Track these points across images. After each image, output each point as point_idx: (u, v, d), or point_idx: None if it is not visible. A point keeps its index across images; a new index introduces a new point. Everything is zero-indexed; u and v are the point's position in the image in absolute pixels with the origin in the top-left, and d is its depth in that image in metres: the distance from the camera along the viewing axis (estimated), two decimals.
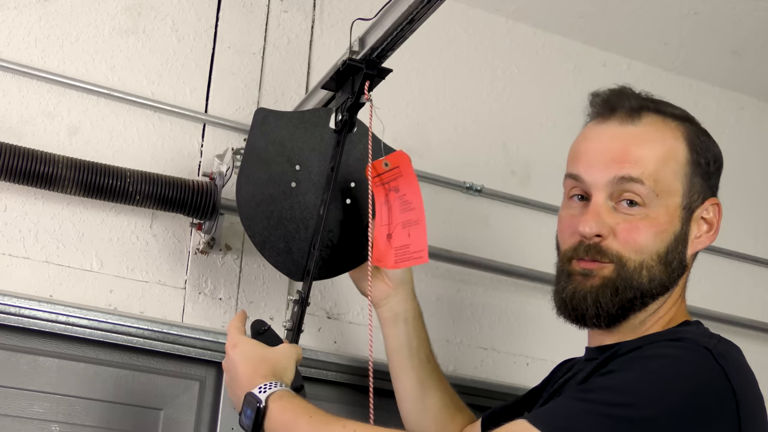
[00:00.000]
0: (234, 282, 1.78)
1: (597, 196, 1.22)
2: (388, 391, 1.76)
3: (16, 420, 1.57)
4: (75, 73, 1.75)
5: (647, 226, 1.20)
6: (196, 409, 1.69)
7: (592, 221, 1.20)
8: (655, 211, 1.21)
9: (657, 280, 1.21)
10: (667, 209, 1.21)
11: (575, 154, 1.28)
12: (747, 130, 2.47)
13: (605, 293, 1.20)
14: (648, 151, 1.22)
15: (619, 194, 1.21)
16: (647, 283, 1.20)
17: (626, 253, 1.20)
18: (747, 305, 2.30)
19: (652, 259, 1.20)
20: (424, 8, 1.26)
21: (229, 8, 1.91)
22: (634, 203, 1.21)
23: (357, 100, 1.40)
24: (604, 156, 1.23)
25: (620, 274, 1.20)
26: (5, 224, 1.64)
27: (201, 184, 1.70)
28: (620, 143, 1.23)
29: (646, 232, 1.20)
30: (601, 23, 2.23)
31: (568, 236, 1.25)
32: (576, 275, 1.23)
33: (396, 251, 1.39)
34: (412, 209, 1.37)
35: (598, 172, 1.22)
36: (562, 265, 1.26)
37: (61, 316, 1.59)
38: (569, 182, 1.27)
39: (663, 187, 1.21)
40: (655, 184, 1.21)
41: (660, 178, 1.21)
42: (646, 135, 1.24)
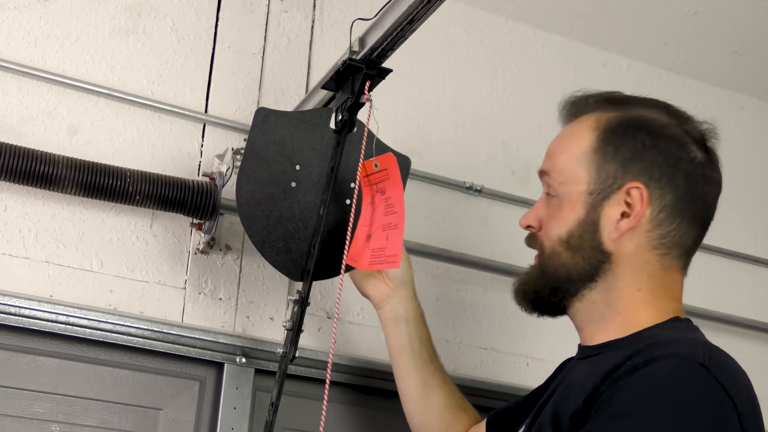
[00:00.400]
0: (234, 282, 1.78)
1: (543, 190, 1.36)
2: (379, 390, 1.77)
3: (16, 420, 1.57)
4: (75, 73, 1.75)
5: (552, 214, 1.30)
6: (196, 409, 1.69)
7: (528, 214, 1.35)
8: (560, 200, 1.30)
9: (568, 265, 1.27)
10: (570, 195, 1.28)
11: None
12: (747, 130, 2.47)
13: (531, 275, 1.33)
14: (561, 145, 1.34)
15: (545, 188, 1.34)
16: (560, 266, 1.28)
17: (543, 240, 1.31)
18: (747, 305, 2.30)
19: (558, 244, 1.28)
20: (424, 8, 1.26)
21: (229, 8, 1.91)
22: (550, 195, 1.32)
23: (357, 100, 1.40)
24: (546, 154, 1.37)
25: (542, 260, 1.31)
26: (5, 224, 1.64)
27: (201, 184, 1.69)
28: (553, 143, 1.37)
29: (552, 220, 1.30)
30: (601, 23, 2.23)
31: None
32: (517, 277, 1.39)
33: (372, 252, 1.39)
34: (394, 213, 1.38)
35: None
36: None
37: (61, 316, 1.59)
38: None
39: (567, 174, 1.29)
40: (558, 175, 1.31)
41: (565, 167, 1.30)
42: (567, 131, 1.36)
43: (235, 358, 1.70)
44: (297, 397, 1.75)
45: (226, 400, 1.68)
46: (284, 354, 1.43)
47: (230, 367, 1.69)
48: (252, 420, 1.69)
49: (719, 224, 2.35)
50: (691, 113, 1.34)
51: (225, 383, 1.69)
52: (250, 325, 1.77)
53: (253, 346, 1.71)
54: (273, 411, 1.43)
